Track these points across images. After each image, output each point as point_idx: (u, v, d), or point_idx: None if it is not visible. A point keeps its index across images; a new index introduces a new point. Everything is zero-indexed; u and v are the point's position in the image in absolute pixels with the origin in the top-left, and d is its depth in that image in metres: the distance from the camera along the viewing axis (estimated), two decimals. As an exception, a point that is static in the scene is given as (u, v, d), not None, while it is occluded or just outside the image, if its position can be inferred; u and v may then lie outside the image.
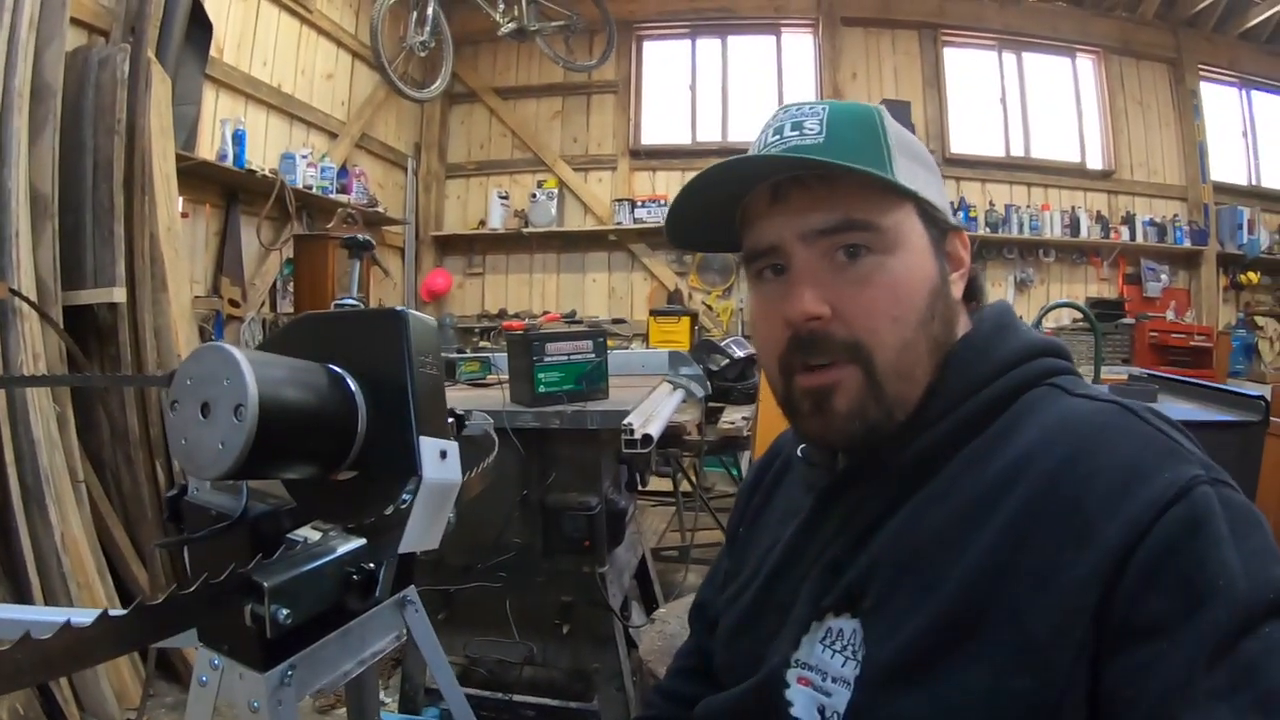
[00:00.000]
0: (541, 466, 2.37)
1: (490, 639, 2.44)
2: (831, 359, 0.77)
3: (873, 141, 0.79)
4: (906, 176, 0.79)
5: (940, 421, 0.77)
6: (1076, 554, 0.62)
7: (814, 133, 0.79)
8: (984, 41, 7.06)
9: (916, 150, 0.84)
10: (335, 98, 5.84)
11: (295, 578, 0.63)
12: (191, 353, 0.60)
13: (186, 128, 3.91)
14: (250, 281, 4.73)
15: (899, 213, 0.79)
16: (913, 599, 0.70)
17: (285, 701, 0.72)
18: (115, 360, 3.08)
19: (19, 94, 2.73)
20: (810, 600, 0.80)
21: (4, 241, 2.66)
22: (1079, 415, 0.72)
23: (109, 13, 3.43)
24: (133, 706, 2.66)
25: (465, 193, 7.46)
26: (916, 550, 0.72)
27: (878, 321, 0.77)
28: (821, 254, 0.78)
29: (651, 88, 7.43)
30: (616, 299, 7.23)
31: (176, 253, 3.35)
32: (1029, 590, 0.64)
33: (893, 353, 0.77)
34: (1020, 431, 0.73)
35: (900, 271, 0.78)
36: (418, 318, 0.71)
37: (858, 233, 0.77)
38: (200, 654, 0.75)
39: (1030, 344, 0.81)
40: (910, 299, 0.78)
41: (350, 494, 0.72)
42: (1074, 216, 6.80)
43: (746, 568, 0.96)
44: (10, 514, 2.58)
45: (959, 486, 0.73)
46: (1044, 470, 0.68)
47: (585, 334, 2.47)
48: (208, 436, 0.58)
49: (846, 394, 0.77)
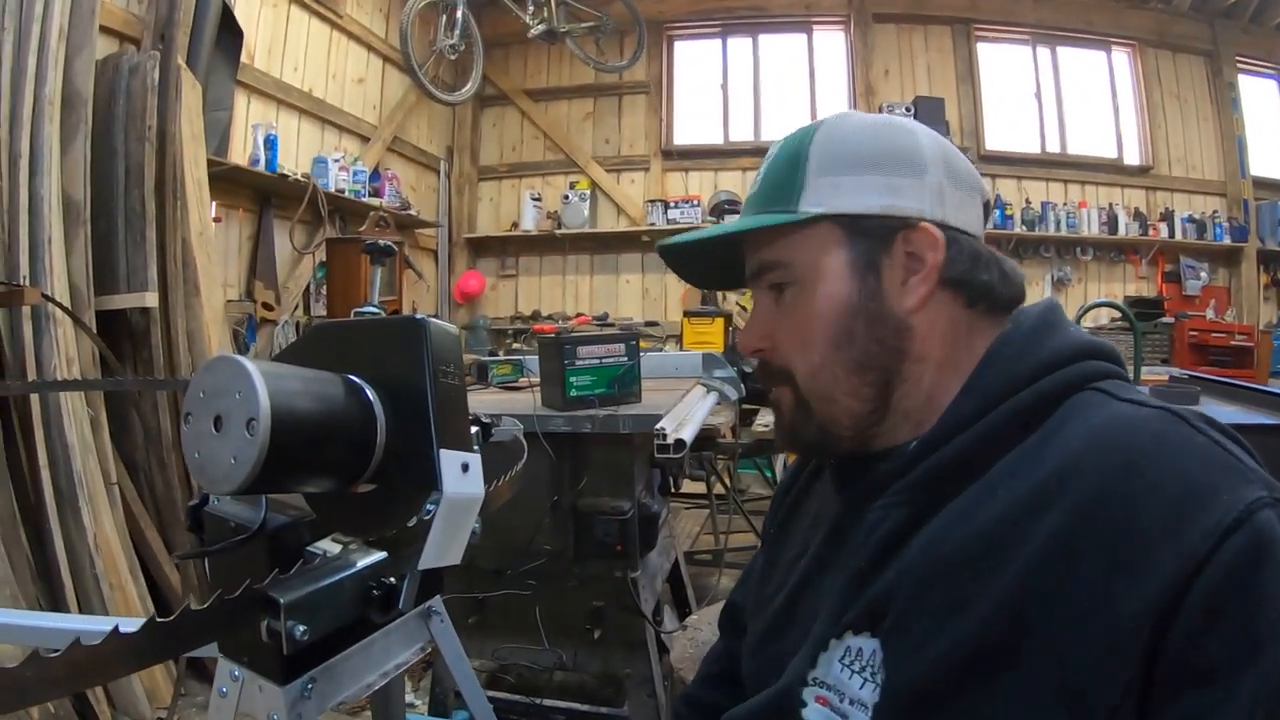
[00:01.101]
0: (573, 471, 2.36)
1: (519, 645, 2.43)
2: (774, 381, 0.86)
3: (789, 175, 0.82)
4: (820, 197, 0.80)
5: (971, 425, 0.73)
6: (1127, 585, 0.57)
7: (757, 182, 0.87)
8: (1018, 36, 6.97)
9: (856, 154, 0.80)
10: (367, 101, 5.89)
11: (312, 593, 0.62)
12: (205, 364, 0.59)
13: (219, 133, 3.96)
14: (284, 285, 4.79)
15: (807, 241, 0.81)
16: (938, 620, 0.66)
17: (305, 715, 0.70)
18: (149, 364, 3.12)
19: (50, 102, 2.77)
20: (831, 616, 0.77)
21: (37, 248, 2.70)
22: (1127, 423, 0.67)
23: (139, 20, 3.49)
24: (164, 706, 2.69)
25: (498, 195, 7.53)
26: (946, 566, 0.68)
27: (791, 350, 0.83)
28: (764, 291, 0.86)
29: (683, 88, 7.45)
30: (650, 300, 7.24)
31: (209, 257, 3.39)
32: (1072, 622, 0.59)
33: (806, 378, 0.82)
34: (1062, 439, 0.68)
35: (810, 300, 0.81)
36: (438, 325, 0.69)
37: (770, 272, 0.84)
38: (221, 665, 0.74)
39: (1076, 345, 0.76)
40: (815, 326, 0.80)
41: (370, 506, 0.70)
42: (1111, 213, 6.70)
43: (776, 572, 0.95)
44: (44, 516, 2.62)
45: (996, 498, 0.68)
46: (1090, 486, 0.62)
47: (617, 337, 2.45)
48: (220, 450, 0.56)
49: (784, 411, 0.86)
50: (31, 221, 2.71)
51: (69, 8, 2.89)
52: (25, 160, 2.70)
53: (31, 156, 2.72)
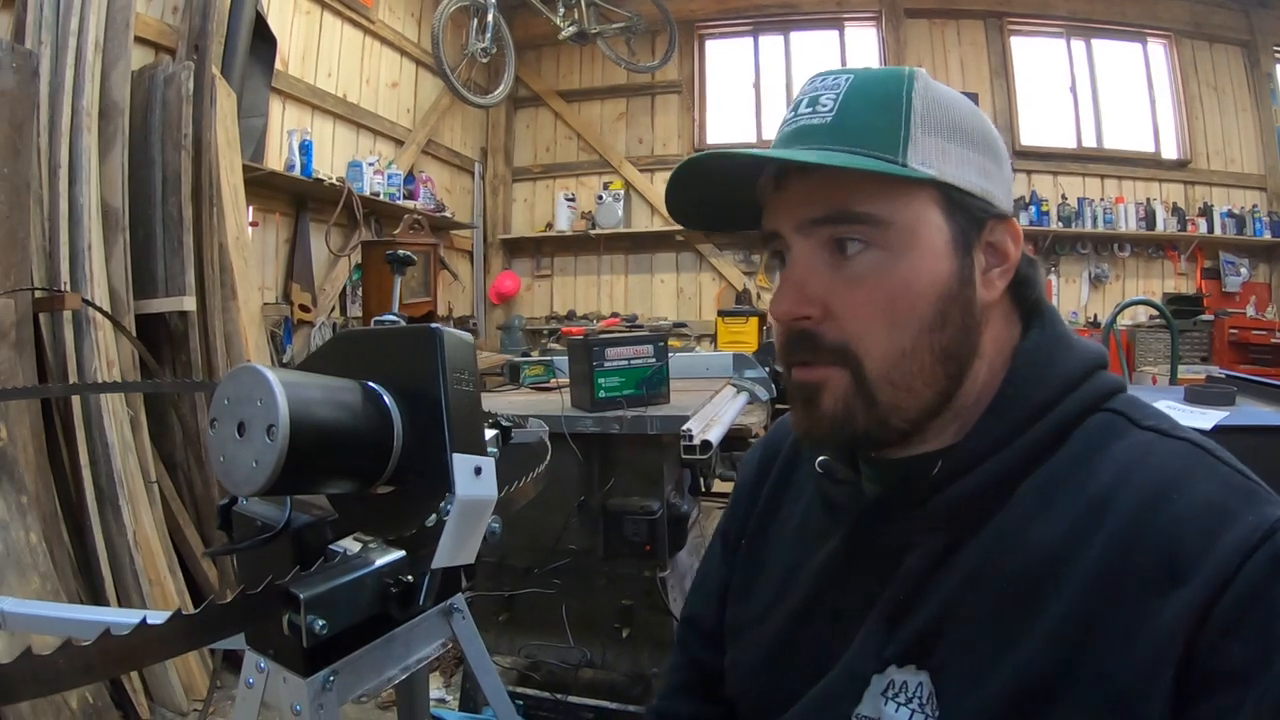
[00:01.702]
0: (603, 471, 2.38)
1: (545, 643, 2.46)
2: (821, 359, 0.73)
3: (890, 120, 0.71)
4: (928, 157, 0.70)
5: (1006, 447, 0.71)
6: (1163, 604, 0.59)
7: (825, 110, 0.72)
8: (1051, 29, 6.88)
9: (958, 123, 0.73)
10: (400, 105, 5.95)
11: (332, 589, 0.65)
12: (229, 373, 0.62)
13: (254, 139, 4.03)
14: (320, 287, 4.86)
15: (910, 203, 0.70)
16: (993, 655, 0.65)
17: (327, 706, 0.73)
18: (187, 366, 3.18)
19: (87, 113, 2.84)
20: (870, 652, 0.73)
21: (78, 254, 2.78)
22: (1156, 456, 0.67)
23: (173, 31, 3.56)
24: (199, 698, 2.75)
25: (532, 196, 7.58)
26: (994, 601, 0.67)
27: (869, 326, 0.71)
28: (819, 246, 0.72)
29: (715, 86, 7.45)
30: (685, 300, 7.25)
31: (245, 261, 3.46)
32: (1118, 645, 0.60)
33: (885, 361, 0.71)
34: (1093, 471, 0.68)
35: (903, 271, 0.70)
36: (452, 334, 0.71)
37: (853, 225, 0.71)
38: (248, 657, 0.78)
39: (1084, 359, 0.75)
40: (911, 303, 0.70)
41: (389, 507, 0.73)
42: (1149, 209, 6.57)
43: (760, 589, 0.90)
44: (85, 514, 2.68)
45: (1033, 530, 0.67)
46: (1125, 518, 0.63)
47: (645, 338, 2.46)
48: (243, 454, 0.59)
49: (833, 394, 0.72)
50: (71, 229, 2.78)
51: (104, 21, 2.96)
52: (65, 170, 2.77)
53: (71, 166, 2.80)
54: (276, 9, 4.38)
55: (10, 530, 2.30)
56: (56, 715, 2.25)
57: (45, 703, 2.22)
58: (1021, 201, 6.58)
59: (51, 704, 2.24)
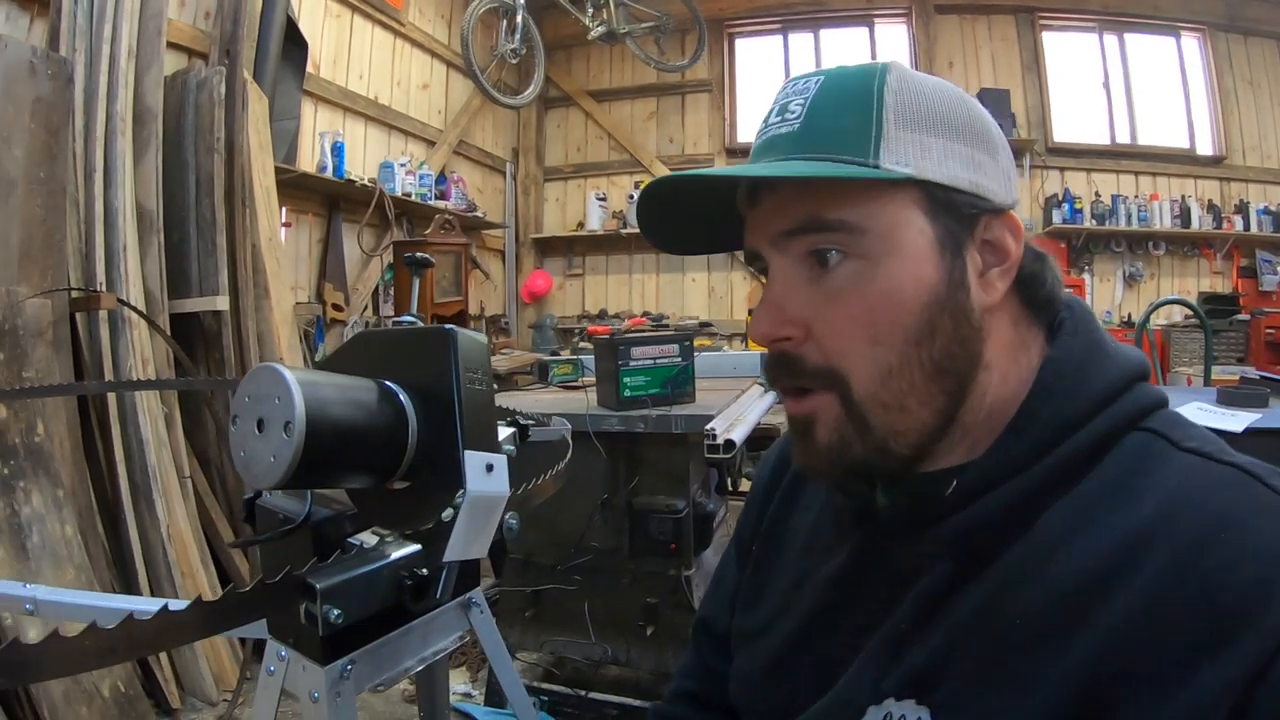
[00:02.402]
0: (629, 469, 2.40)
1: (568, 639, 2.49)
2: (807, 384, 0.69)
3: (859, 120, 0.66)
4: (905, 154, 0.65)
5: (1026, 469, 0.65)
6: (1208, 665, 0.52)
7: (793, 117, 0.68)
8: (1083, 23, 6.80)
9: (940, 113, 0.68)
10: (432, 106, 6.01)
11: (347, 580, 0.67)
12: (249, 373, 0.64)
13: (287, 141, 4.08)
14: (353, 287, 4.94)
15: (886, 206, 0.66)
16: (1002, 698, 0.59)
17: (344, 694, 0.76)
18: (220, 364, 3.24)
19: (121, 119, 2.90)
20: (868, 681, 0.68)
21: (113, 255, 2.84)
22: (1202, 486, 0.60)
23: (205, 35, 3.62)
24: (229, 689, 2.80)
25: (563, 195, 7.64)
26: (1008, 638, 0.60)
27: (851, 343, 0.66)
28: (796, 261, 0.68)
29: (745, 85, 7.44)
30: (716, 299, 7.27)
31: (278, 262, 3.51)
32: (1149, 703, 0.53)
33: (872, 381, 0.66)
34: (1132, 500, 0.60)
35: (882, 280, 0.65)
36: (466, 335, 0.73)
37: (827, 234, 0.66)
38: (270, 646, 0.80)
39: (1124, 369, 0.68)
40: (893, 314, 0.65)
41: (405, 502, 0.75)
42: (1184, 206, 6.47)
43: (767, 598, 0.86)
44: (120, 507, 2.74)
45: (1060, 560, 0.60)
46: (1165, 561, 0.56)
47: (671, 338, 2.48)
48: (262, 450, 0.62)
49: (825, 425, 0.68)
50: (107, 231, 2.84)
51: (137, 28, 3.02)
52: (100, 174, 2.83)
53: (106, 170, 2.86)
54: (307, 13, 4.45)
55: (47, 523, 2.36)
56: (89, 703, 2.29)
57: (78, 691, 2.27)
58: (1055, 199, 6.51)
59: (84, 692, 2.29)
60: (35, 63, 2.53)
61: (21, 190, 2.47)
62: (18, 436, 2.35)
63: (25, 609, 0.91)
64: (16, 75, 2.48)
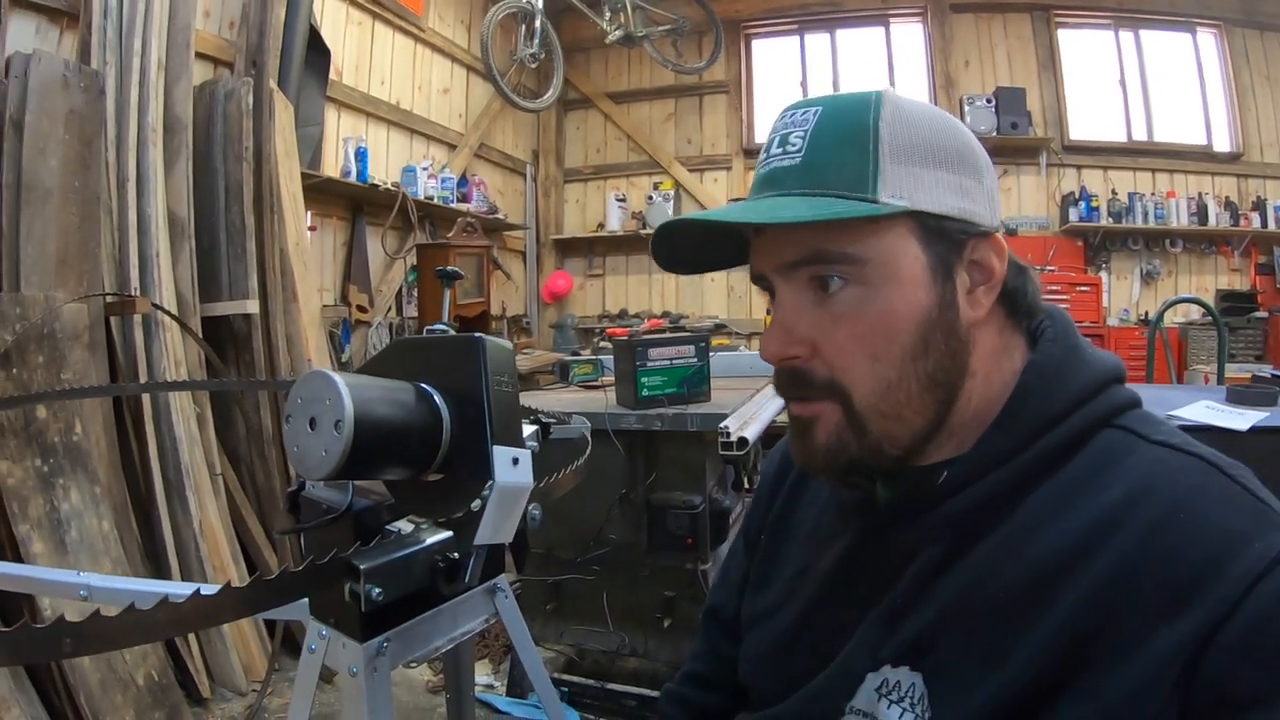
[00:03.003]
0: (647, 466, 2.45)
1: (586, 629, 2.55)
2: (813, 394, 0.75)
3: (858, 155, 0.71)
4: (900, 188, 0.70)
5: (1009, 461, 0.72)
6: (1165, 627, 0.60)
7: (795, 151, 0.74)
8: (1099, 20, 6.79)
9: (930, 144, 0.73)
10: (453, 110, 6.08)
11: (387, 562, 0.75)
12: (302, 377, 0.72)
13: (311, 147, 4.16)
14: (377, 288, 5.00)
15: (884, 237, 0.71)
16: (986, 662, 0.67)
17: (380, 669, 0.83)
18: (250, 365, 3.32)
19: (153, 129, 2.98)
20: (865, 650, 0.76)
21: (146, 261, 2.92)
22: (1165, 473, 0.68)
23: (231, 45, 3.69)
24: (258, 679, 2.88)
25: (583, 196, 7.72)
26: (991, 608, 0.68)
27: (854, 360, 0.72)
28: (802, 286, 0.74)
29: (762, 86, 7.48)
30: (735, 298, 7.34)
31: (305, 266, 3.59)
32: (1112, 662, 0.61)
33: (872, 393, 0.72)
34: (1101, 487, 0.68)
35: (881, 305, 0.71)
36: (494, 342, 0.80)
37: (830, 265, 0.72)
38: (311, 626, 0.87)
39: (1099, 372, 0.75)
40: (891, 335, 0.71)
41: (439, 493, 0.82)
42: (1201, 203, 6.44)
43: (774, 584, 0.93)
44: (154, 504, 2.82)
45: (1035, 541, 0.68)
46: (1132, 536, 0.64)
47: (688, 338, 2.54)
48: (314, 445, 0.69)
49: (825, 428, 0.75)
50: (140, 238, 2.91)
51: (165, 41, 3.09)
52: (133, 183, 2.91)
53: (138, 179, 2.93)
54: (330, 22, 4.53)
55: (84, 519, 2.44)
56: (124, 691, 2.37)
57: (114, 679, 2.35)
58: (1071, 197, 6.51)
59: (119, 680, 2.37)
60: (68, 76, 2.61)
61: (57, 199, 2.55)
62: (56, 436, 2.43)
63: (79, 595, 0.99)
64: (50, 88, 2.56)
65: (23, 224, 2.46)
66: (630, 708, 2.57)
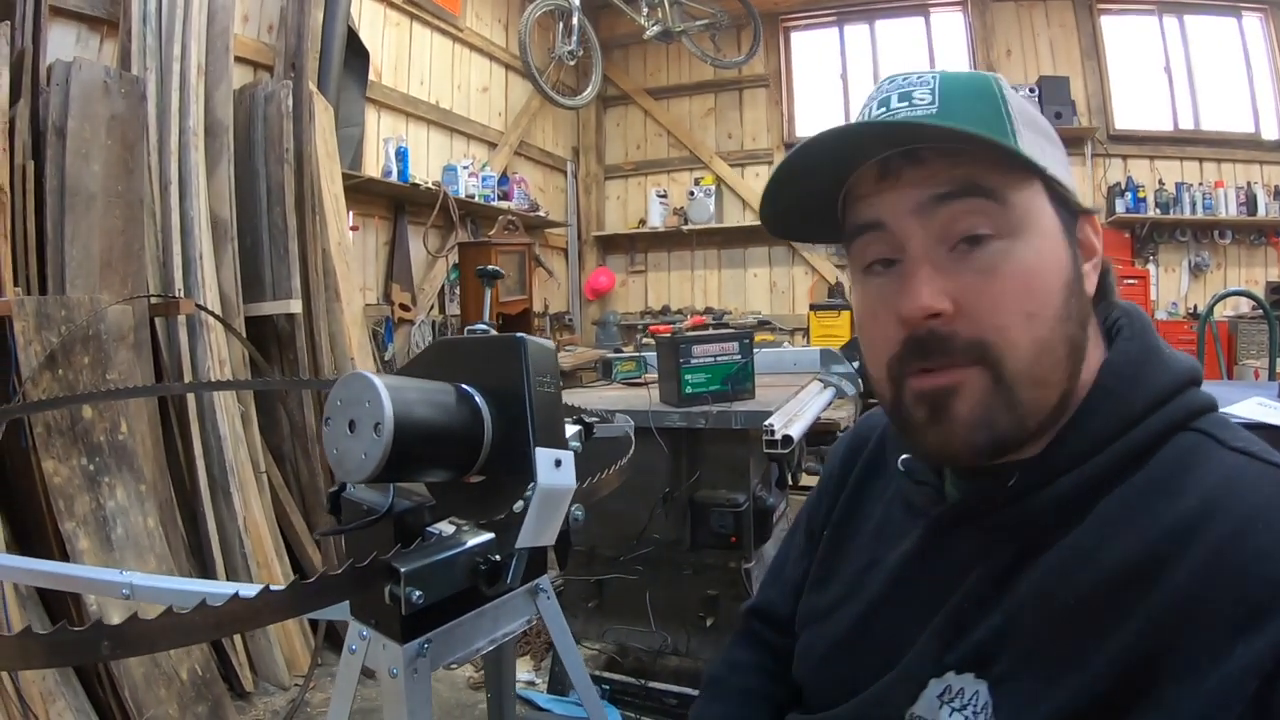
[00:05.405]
0: (690, 464, 2.43)
1: (628, 627, 2.54)
2: (951, 362, 0.68)
3: (994, 111, 0.69)
4: (1033, 150, 0.68)
5: (1085, 462, 0.68)
6: (1240, 643, 0.56)
7: (925, 103, 0.69)
8: (1142, 7, 6.58)
9: (1041, 124, 0.72)
10: (492, 109, 6.09)
11: (428, 565, 0.74)
12: (341, 379, 0.71)
13: (352, 148, 4.19)
14: (419, 287, 5.02)
15: (1027, 191, 0.68)
16: (1055, 672, 0.63)
17: (420, 670, 0.83)
18: (294, 364, 3.36)
19: (194, 133, 3.02)
20: (929, 654, 0.73)
21: (190, 263, 2.96)
22: (1244, 482, 0.63)
23: (270, 49, 3.73)
24: (301, 674, 2.90)
25: (624, 193, 7.69)
26: (1062, 617, 0.64)
27: (1009, 318, 0.67)
28: (939, 236, 0.68)
29: (802, 79, 7.39)
30: (778, 293, 7.26)
31: (347, 266, 3.63)
32: (1185, 678, 0.57)
33: (1027, 354, 0.67)
34: (1178, 493, 0.64)
35: (1032, 259, 0.67)
36: (536, 343, 0.79)
37: (981, 200, 0.67)
38: (351, 627, 0.88)
39: (1177, 374, 0.72)
40: (1045, 292, 0.68)
41: (480, 495, 0.82)
42: (1250, 193, 6.22)
43: (835, 581, 0.90)
44: (199, 501, 2.86)
45: (1110, 547, 0.64)
46: (1208, 548, 0.60)
47: (731, 335, 2.51)
48: (354, 448, 0.69)
49: (969, 399, 0.68)
50: (183, 240, 2.96)
51: (205, 46, 3.13)
52: (175, 186, 2.95)
53: (181, 182, 2.97)
54: (368, 23, 4.56)
55: (130, 515, 2.47)
56: (168, 685, 2.40)
57: (158, 673, 2.38)
58: (1118, 188, 6.34)
59: (164, 675, 2.40)
60: (109, 82, 2.65)
61: (101, 203, 2.59)
62: (103, 435, 2.47)
63: (122, 594, 1.00)
64: (92, 94, 2.60)
65: (67, 228, 2.51)
66: (671, 706, 2.55)
